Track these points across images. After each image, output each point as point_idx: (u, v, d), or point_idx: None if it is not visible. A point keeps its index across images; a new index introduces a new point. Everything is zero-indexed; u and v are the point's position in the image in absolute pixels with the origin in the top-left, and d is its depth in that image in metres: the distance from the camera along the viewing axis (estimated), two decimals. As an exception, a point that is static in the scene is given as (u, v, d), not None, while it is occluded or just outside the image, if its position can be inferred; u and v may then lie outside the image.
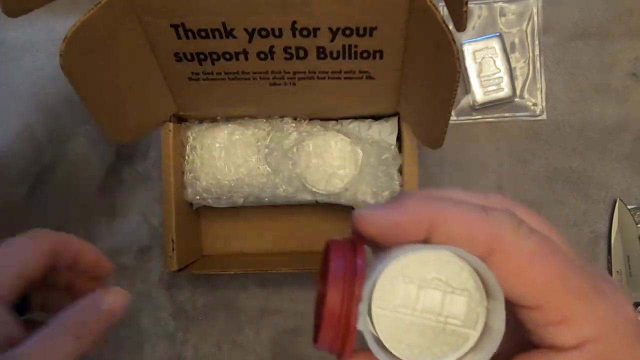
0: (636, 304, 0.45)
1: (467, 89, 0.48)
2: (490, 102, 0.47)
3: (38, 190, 0.50)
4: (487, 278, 0.19)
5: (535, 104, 0.48)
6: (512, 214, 0.20)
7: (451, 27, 0.29)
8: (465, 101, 0.48)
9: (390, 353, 0.19)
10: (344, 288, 0.19)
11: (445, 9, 0.48)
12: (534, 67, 0.47)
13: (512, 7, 0.48)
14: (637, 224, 0.46)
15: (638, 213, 0.46)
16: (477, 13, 0.48)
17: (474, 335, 0.19)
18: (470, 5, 0.48)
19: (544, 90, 0.47)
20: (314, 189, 0.43)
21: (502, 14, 0.48)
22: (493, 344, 0.19)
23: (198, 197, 0.44)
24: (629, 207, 0.46)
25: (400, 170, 0.43)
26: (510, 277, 0.19)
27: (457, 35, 0.48)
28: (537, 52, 0.47)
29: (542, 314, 0.19)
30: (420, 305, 0.19)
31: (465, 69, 0.47)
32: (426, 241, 0.20)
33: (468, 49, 0.47)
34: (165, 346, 0.49)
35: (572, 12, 0.48)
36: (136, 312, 0.49)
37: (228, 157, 0.44)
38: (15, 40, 0.50)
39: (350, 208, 0.44)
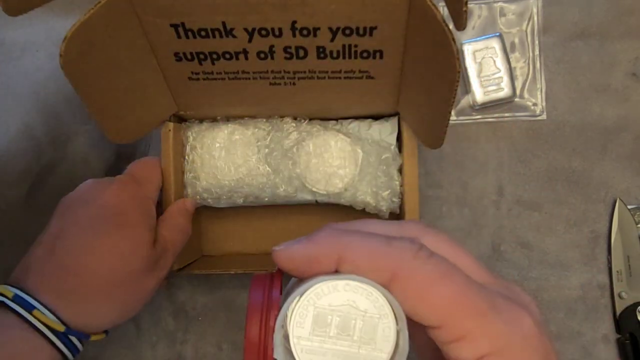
0: (636, 304, 0.45)
1: (467, 89, 0.48)
2: (490, 102, 0.47)
3: (38, 190, 0.50)
4: (391, 302, 0.20)
5: (535, 104, 0.48)
6: (413, 241, 0.21)
7: (451, 26, 0.29)
8: (465, 101, 0.48)
9: None
10: (260, 320, 0.21)
11: (446, 9, 0.48)
12: (534, 67, 0.48)
13: (512, 7, 0.48)
14: (637, 224, 0.46)
15: (638, 213, 0.46)
16: (477, 13, 0.48)
17: (385, 357, 0.20)
18: (470, 5, 0.48)
19: (544, 90, 0.47)
20: (314, 189, 0.43)
21: (502, 14, 0.48)
22: None
23: (198, 197, 0.44)
24: (629, 207, 0.46)
25: (400, 170, 0.43)
26: (412, 300, 0.21)
27: (457, 35, 0.48)
28: (537, 52, 0.47)
29: (444, 332, 0.21)
30: (333, 331, 0.20)
31: (465, 69, 0.47)
32: (337, 272, 0.21)
33: (468, 49, 0.47)
34: (165, 346, 0.49)
35: (572, 12, 0.48)
36: (136, 312, 0.49)
37: (228, 156, 0.44)
38: (15, 40, 0.50)
39: (350, 208, 0.44)
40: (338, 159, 0.43)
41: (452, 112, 0.48)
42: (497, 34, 0.47)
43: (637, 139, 0.47)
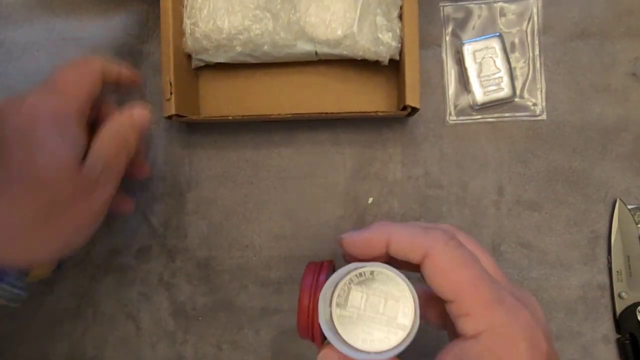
0: (636, 304, 0.45)
1: (467, 89, 0.48)
2: (490, 102, 0.47)
3: (38, 190, 0.50)
4: (410, 288, 0.27)
5: (535, 104, 0.48)
6: (447, 232, 0.28)
7: (451, 28, 0.29)
8: (465, 101, 0.48)
9: (345, 342, 0.27)
10: (309, 295, 0.29)
11: (445, 9, 0.48)
12: (534, 67, 0.48)
13: (512, 7, 0.48)
14: (637, 224, 0.46)
15: (638, 213, 0.46)
16: (477, 13, 0.48)
17: (406, 328, 0.27)
18: (470, 5, 0.48)
19: (544, 90, 0.48)
20: (313, 34, 0.43)
21: (502, 14, 0.48)
22: (413, 332, 0.27)
23: (197, 46, 0.44)
24: (629, 207, 0.46)
25: (400, 17, 0.43)
26: (437, 276, 0.27)
27: (458, 35, 0.48)
28: (537, 52, 0.48)
29: (455, 307, 0.27)
30: (364, 306, 0.27)
31: (466, 69, 0.47)
32: (387, 253, 0.28)
33: (468, 49, 0.47)
34: (165, 346, 0.49)
35: (572, 12, 0.48)
36: (136, 312, 0.49)
37: (227, 2, 0.44)
38: (15, 40, 0.50)
39: (351, 67, 0.45)
40: (338, 2, 0.43)
41: (452, 112, 0.48)
42: (497, 34, 0.47)
43: (637, 139, 0.47)
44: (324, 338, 0.28)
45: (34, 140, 0.33)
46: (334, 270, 0.30)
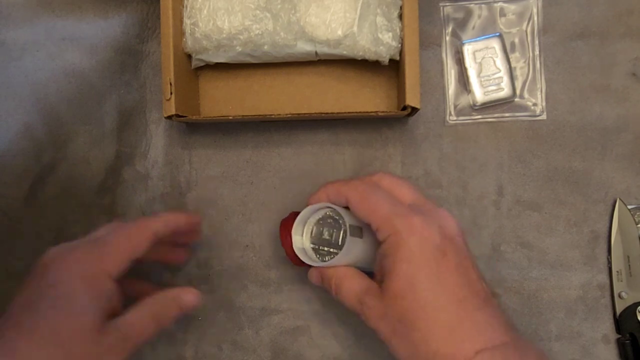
0: (636, 304, 0.45)
1: (467, 89, 0.48)
2: (490, 102, 0.47)
3: (38, 190, 0.50)
4: (344, 216, 0.39)
5: (535, 104, 0.48)
6: (362, 180, 0.40)
7: (451, 28, 0.29)
8: (465, 101, 0.48)
9: (314, 260, 0.41)
10: (286, 232, 0.41)
11: (445, 9, 0.48)
12: (534, 67, 0.48)
13: (512, 7, 0.48)
14: (637, 224, 0.46)
15: (638, 213, 0.46)
16: (477, 13, 0.48)
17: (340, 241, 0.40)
18: (470, 5, 0.48)
19: (544, 90, 0.48)
20: (313, 35, 0.43)
21: (502, 14, 0.48)
22: (345, 247, 0.38)
23: (197, 46, 0.44)
24: (629, 207, 0.46)
25: (400, 17, 0.43)
26: (355, 209, 0.38)
27: (458, 35, 0.48)
28: (537, 52, 0.48)
29: (372, 226, 0.37)
30: (317, 233, 0.41)
31: (466, 69, 0.47)
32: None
33: (468, 49, 0.47)
34: (165, 346, 0.49)
35: (572, 12, 0.48)
36: (136, 312, 0.49)
37: (228, 2, 0.44)
38: (15, 40, 0.50)
39: (351, 67, 0.45)
40: (338, 2, 0.43)
41: (452, 112, 0.48)
42: (497, 34, 0.47)
43: (637, 139, 0.47)
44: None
45: (64, 298, 0.35)
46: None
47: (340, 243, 0.40)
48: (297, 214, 0.41)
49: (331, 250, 0.40)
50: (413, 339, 0.34)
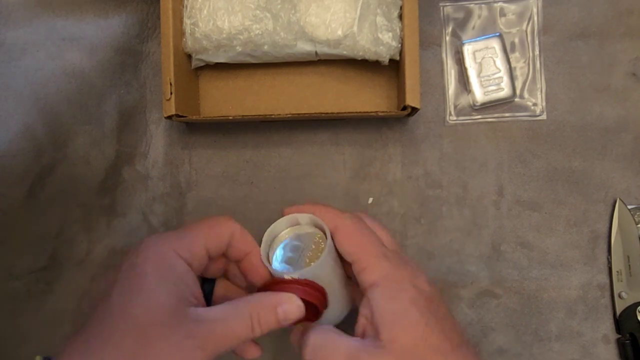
0: (636, 304, 0.45)
1: (467, 89, 0.48)
2: (490, 102, 0.47)
3: (38, 190, 0.50)
4: (319, 236, 0.38)
5: (535, 104, 0.48)
6: (354, 215, 0.38)
7: (451, 28, 0.29)
8: (465, 101, 0.48)
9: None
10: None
11: (445, 9, 0.48)
12: (534, 67, 0.48)
13: (512, 7, 0.48)
14: (637, 224, 0.46)
15: (638, 213, 0.46)
16: (477, 13, 0.48)
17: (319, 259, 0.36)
18: (470, 5, 0.48)
19: (544, 90, 0.47)
20: (313, 35, 0.43)
21: (502, 14, 0.48)
22: (319, 263, 0.35)
23: (197, 46, 0.44)
24: (629, 207, 0.46)
25: (400, 17, 0.44)
26: (342, 243, 0.36)
27: (458, 35, 0.48)
28: (537, 52, 0.48)
29: (356, 266, 0.35)
30: (292, 254, 0.38)
31: (466, 69, 0.47)
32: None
33: (468, 49, 0.47)
34: (165, 346, 0.48)
35: (572, 12, 0.48)
36: (136, 312, 0.49)
37: (228, 2, 0.44)
38: (15, 40, 0.50)
39: (350, 67, 0.45)
40: (338, 2, 0.43)
41: (452, 112, 0.48)
42: (497, 34, 0.47)
43: (637, 139, 0.47)
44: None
45: (136, 280, 0.32)
46: None
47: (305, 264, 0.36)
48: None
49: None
50: None
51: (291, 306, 0.34)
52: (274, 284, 0.35)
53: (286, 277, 0.35)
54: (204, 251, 0.35)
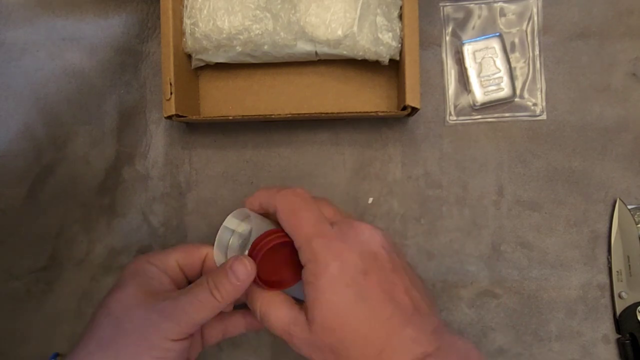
0: (636, 304, 0.45)
1: (467, 89, 0.48)
2: (490, 102, 0.47)
3: (38, 190, 0.50)
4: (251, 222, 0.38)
5: (535, 104, 0.48)
6: (291, 192, 0.38)
7: (451, 28, 0.29)
8: (465, 101, 0.48)
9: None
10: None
11: (445, 9, 0.48)
12: (534, 67, 0.48)
13: (512, 7, 0.48)
14: (637, 224, 0.46)
15: (638, 213, 0.46)
16: (477, 13, 0.48)
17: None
18: (470, 5, 0.48)
19: (544, 90, 0.48)
20: (313, 35, 0.43)
21: (502, 14, 0.48)
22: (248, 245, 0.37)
23: (197, 46, 0.44)
24: (629, 207, 0.46)
25: (400, 17, 0.44)
26: (282, 223, 0.37)
27: (458, 35, 0.48)
28: (537, 52, 0.48)
29: (296, 244, 0.36)
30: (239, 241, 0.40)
31: (466, 69, 0.47)
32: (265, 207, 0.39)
33: (468, 49, 0.47)
34: (165, 346, 0.48)
35: (572, 12, 0.48)
36: (136, 312, 0.49)
37: (228, 2, 0.44)
38: (15, 40, 0.50)
39: (350, 67, 0.45)
40: (338, 2, 0.43)
41: (452, 112, 0.48)
42: (497, 34, 0.47)
43: (637, 139, 0.47)
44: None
45: (115, 285, 0.38)
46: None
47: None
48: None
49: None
50: (352, 355, 0.34)
51: (239, 264, 0.36)
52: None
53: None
54: (176, 263, 0.40)
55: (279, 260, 0.37)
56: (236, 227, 0.41)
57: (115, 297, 0.37)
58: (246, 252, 0.37)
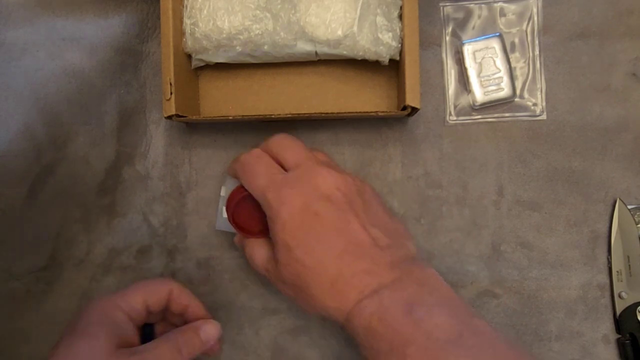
0: (636, 304, 0.45)
1: (467, 89, 0.48)
2: (490, 102, 0.47)
3: (38, 190, 0.50)
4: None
5: (535, 104, 0.48)
6: (250, 153, 0.42)
7: (451, 28, 0.29)
8: (465, 101, 0.48)
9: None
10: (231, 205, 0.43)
11: (445, 9, 0.48)
12: (534, 67, 0.48)
13: (512, 7, 0.48)
14: (637, 224, 0.46)
15: (638, 213, 0.46)
16: (477, 13, 0.48)
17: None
18: (470, 5, 0.48)
19: (544, 90, 0.48)
20: (313, 35, 0.43)
21: (502, 14, 0.48)
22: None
23: (197, 46, 0.45)
24: (629, 207, 0.46)
25: (400, 17, 0.44)
26: (242, 180, 0.41)
27: (458, 35, 0.48)
28: (537, 52, 0.48)
29: (255, 196, 0.40)
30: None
31: (466, 69, 0.47)
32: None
33: (468, 49, 0.47)
34: (165, 346, 0.49)
35: (572, 12, 0.48)
36: (136, 312, 0.49)
37: (228, 2, 0.44)
38: (15, 40, 0.50)
39: (350, 66, 0.45)
40: (338, 2, 0.43)
41: (452, 112, 0.48)
42: (497, 34, 0.47)
43: (637, 139, 0.47)
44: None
45: (81, 327, 0.38)
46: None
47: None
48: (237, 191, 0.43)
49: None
50: (306, 298, 0.37)
51: (210, 327, 0.41)
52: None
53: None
54: (143, 305, 0.40)
55: (254, 212, 0.42)
56: (224, 193, 0.45)
57: (85, 346, 0.37)
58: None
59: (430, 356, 0.32)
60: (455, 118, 0.48)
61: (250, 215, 0.42)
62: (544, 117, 0.47)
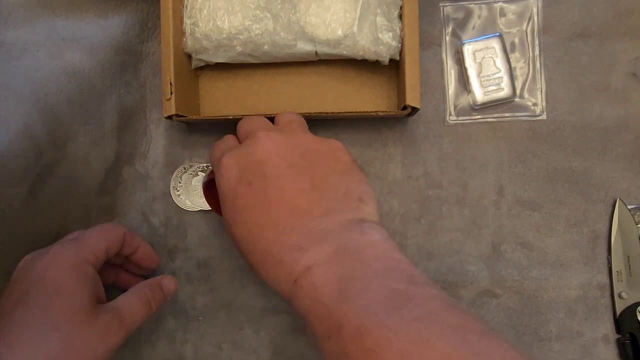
0: (636, 304, 0.45)
1: (467, 89, 0.48)
2: (490, 102, 0.47)
3: (38, 190, 0.50)
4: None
5: (535, 104, 0.48)
6: (226, 140, 0.40)
7: (451, 28, 0.29)
8: (465, 101, 0.48)
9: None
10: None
11: (445, 9, 0.48)
12: (534, 67, 0.48)
13: (512, 7, 0.48)
14: (637, 224, 0.46)
15: (638, 213, 0.46)
16: (477, 13, 0.48)
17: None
18: (470, 5, 0.48)
19: (544, 90, 0.48)
20: (313, 34, 0.43)
21: (502, 14, 0.48)
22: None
23: (197, 46, 0.45)
24: (629, 207, 0.46)
25: (400, 16, 0.44)
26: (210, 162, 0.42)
27: (458, 35, 0.48)
28: (537, 52, 0.48)
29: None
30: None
31: (466, 69, 0.47)
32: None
33: (468, 49, 0.47)
34: (165, 346, 0.49)
35: (572, 12, 0.48)
36: (136, 312, 0.49)
37: (228, 2, 0.44)
38: (15, 40, 0.50)
39: (350, 66, 0.45)
40: (338, 2, 0.43)
41: (452, 112, 0.48)
42: (497, 34, 0.47)
43: (637, 139, 0.47)
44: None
45: (53, 286, 0.37)
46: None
47: None
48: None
49: None
50: (256, 267, 0.34)
51: (168, 281, 0.44)
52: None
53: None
54: (104, 253, 0.41)
55: None
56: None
57: (63, 305, 0.37)
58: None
59: (368, 338, 0.27)
60: (455, 118, 0.48)
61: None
62: (544, 117, 0.47)
